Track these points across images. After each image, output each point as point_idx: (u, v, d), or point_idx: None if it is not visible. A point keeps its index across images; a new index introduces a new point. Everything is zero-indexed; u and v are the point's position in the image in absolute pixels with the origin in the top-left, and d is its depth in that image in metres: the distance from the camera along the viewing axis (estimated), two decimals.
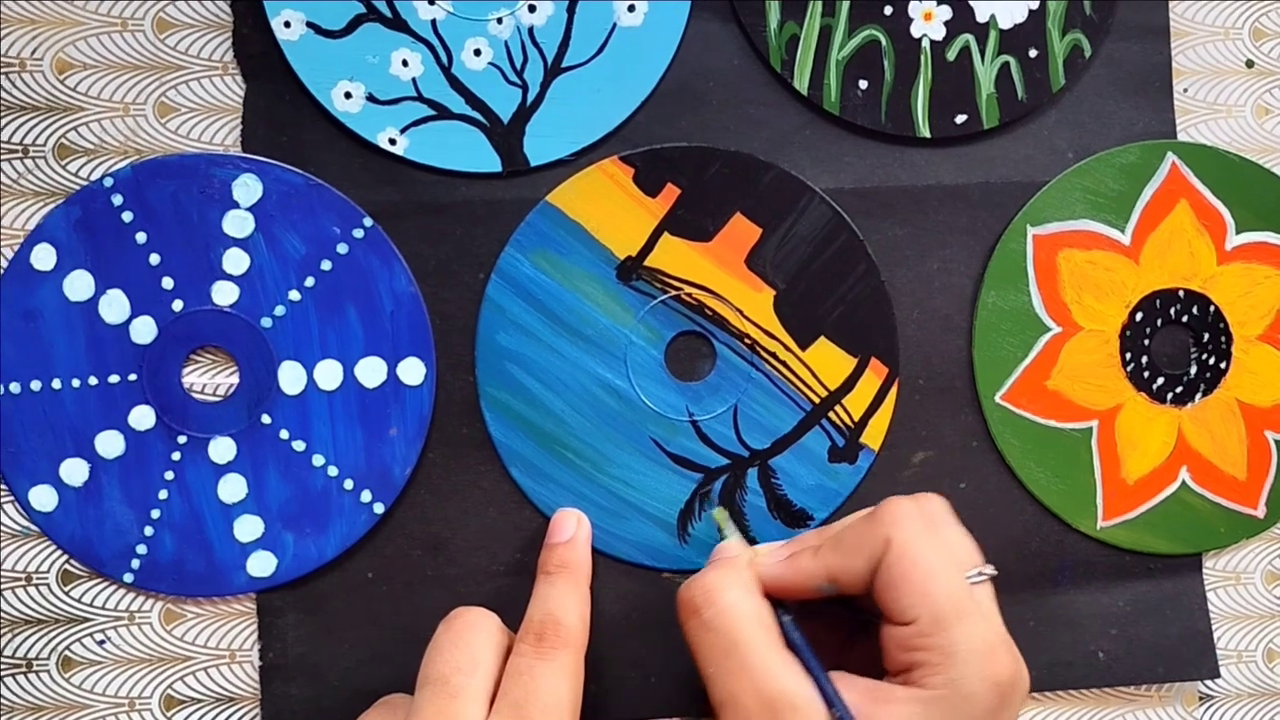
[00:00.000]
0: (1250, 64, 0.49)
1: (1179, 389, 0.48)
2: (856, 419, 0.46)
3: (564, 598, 0.41)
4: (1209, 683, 0.48)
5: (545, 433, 0.46)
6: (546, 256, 0.45)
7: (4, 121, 0.45)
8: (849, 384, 0.46)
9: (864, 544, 0.38)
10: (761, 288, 0.46)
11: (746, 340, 0.46)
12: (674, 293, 0.46)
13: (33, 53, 0.45)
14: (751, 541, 0.44)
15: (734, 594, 0.38)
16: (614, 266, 0.46)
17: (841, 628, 0.42)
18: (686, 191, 0.46)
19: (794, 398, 0.46)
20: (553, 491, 0.46)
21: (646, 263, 0.46)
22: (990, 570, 0.38)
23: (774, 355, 0.46)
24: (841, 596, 0.39)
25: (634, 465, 0.46)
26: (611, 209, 0.46)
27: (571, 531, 0.44)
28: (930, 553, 0.37)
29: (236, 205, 0.45)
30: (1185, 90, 0.49)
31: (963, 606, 0.37)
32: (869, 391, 0.46)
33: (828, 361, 0.46)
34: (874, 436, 0.47)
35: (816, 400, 0.46)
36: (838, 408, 0.46)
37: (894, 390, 0.47)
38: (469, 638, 0.39)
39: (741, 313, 0.46)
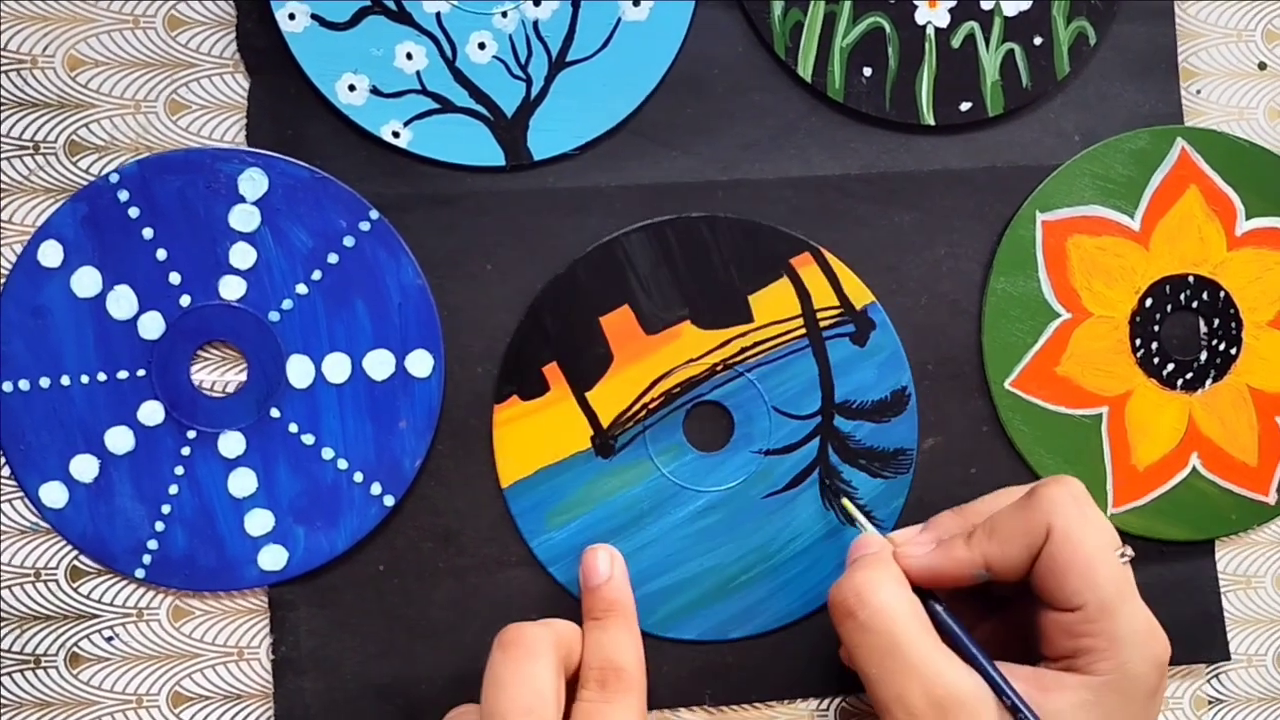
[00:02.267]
0: (1263, 66, 0.49)
1: (1189, 375, 0.48)
2: (838, 303, 0.46)
3: (617, 641, 0.41)
4: (1218, 685, 0.48)
5: (711, 591, 0.45)
6: (554, 513, 0.45)
7: (15, 118, 0.45)
8: (803, 293, 0.46)
9: (1022, 531, 0.38)
10: (678, 333, 0.46)
11: (718, 368, 0.46)
12: (641, 414, 0.46)
13: (44, 50, 0.45)
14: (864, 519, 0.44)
15: (886, 592, 0.38)
16: (592, 457, 0.45)
17: (970, 609, 0.41)
18: (559, 357, 0.46)
19: (791, 351, 0.46)
20: (759, 616, 0.46)
21: (605, 426, 0.46)
22: (1130, 551, 0.38)
23: (743, 351, 0.46)
24: (990, 583, 0.39)
25: (780, 530, 0.46)
26: (541, 436, 0.45)
27: (608, 570, 0.43)
28: (1090, 538, 0.37)
29: (242, 200, 0.45)
30: (1198, 92, 0.49)
31: (1123, 590, 0.37)
32: (818, 278, 0.46)
33: (774, 303, 0.46)
34: (859, 296, 0.46)
35: (803, 332, 0.46)
36: (819, 315, 0.46)
37: (827, 255, 0.46)
38: (529, 670, 0.38)
39: (690, 362, 0.46)
